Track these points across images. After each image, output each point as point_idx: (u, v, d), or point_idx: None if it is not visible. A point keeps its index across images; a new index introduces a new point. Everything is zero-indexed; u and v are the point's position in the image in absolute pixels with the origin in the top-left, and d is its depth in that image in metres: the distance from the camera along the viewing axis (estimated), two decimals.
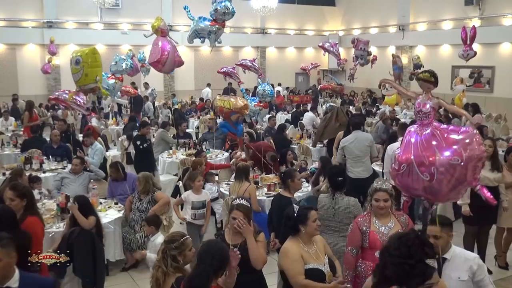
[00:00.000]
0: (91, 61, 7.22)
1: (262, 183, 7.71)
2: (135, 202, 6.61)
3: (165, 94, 22.43)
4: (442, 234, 3.78)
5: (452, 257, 3.78)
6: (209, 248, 3.36)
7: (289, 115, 16.56)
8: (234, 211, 4.12)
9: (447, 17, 20.33)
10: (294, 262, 3.82)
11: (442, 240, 3.77)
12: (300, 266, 3.80)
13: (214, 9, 7.83)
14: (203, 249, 3.39)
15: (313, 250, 3.92)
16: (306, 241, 3.93)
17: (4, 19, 19.72)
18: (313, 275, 3.79)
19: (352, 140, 7.82)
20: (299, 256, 3.82)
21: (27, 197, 4.71)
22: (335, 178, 5.16)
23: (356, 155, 7.73)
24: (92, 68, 7.23)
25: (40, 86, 20.51)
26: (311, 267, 3.83)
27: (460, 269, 3.71)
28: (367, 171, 7.70)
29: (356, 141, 7.76)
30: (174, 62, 8.56)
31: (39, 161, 8.82)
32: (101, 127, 13.36)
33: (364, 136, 7.98)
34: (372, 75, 21.81)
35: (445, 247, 3.80)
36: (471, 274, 3.68)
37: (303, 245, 3.90)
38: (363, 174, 7.65)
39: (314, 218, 3.93)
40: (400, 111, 17.07)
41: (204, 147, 10.53)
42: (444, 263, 3.75)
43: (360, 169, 7.67)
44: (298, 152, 11.05)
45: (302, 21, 26.30)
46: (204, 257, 3.27)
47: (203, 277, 3.15)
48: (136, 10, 21.72)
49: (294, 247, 3.88)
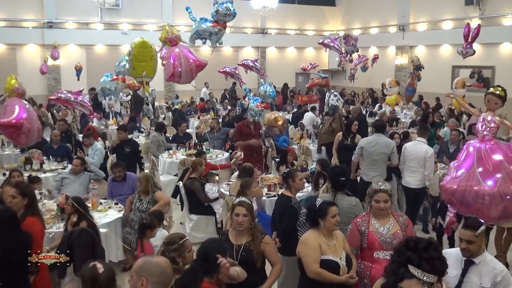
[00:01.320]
0: (139, 55, 6.93)
1: (262, 183, 7.70)
2: (135, 202, 6.60)
3: (165, 94, 22.43)
4: (476, 239, 3.64)
5: (481, 263, 3.67)
6: (204, 248, 3.41)
7: (290, 115, 16.55)
8: (237, 207, 4.16)
9: (447, 17, 20.32)
10: (311, 250, 4.00)
11: (475, 245, 3.64)
12: (316, 254, 3.98)
13: (215, 11, 7.81)
14: (201, 248, 3.43)
15: (332, 244, 4.07)
16: (326, 234, 4.09)
17: (4, 19, 19.70)
18: (328, 265, 3.96)
19: (373, 143, 7.55)
20: (317, 245, 4.01)
21: (28, 197, 4.72)
22: (338, 177, 5.17)
23: (373, 158, 7.52)
24: (139, 62, 6.94)
25: (41, 86, 20.48)
26: (328, 258, 3.99)
27: (484, 276, 3.63)
28: (381, 176, 7.38)
29: (377, 145, 7.50)
30: (191, 71, 8.07)
31: (39, 161, 8.82)
32: (101, 127, 13.36)
33: (386, 141, 7.68)
34: (372, 75, 21.88)
35: (477, 252, 3.67)
36: (493, 284, 3.61)
37: (323, 237, 4.07)
38: (376, 178, 7.47)
39: (334, 214, 4.09)
40: (400, 111, 17.06)
41: (205, 147, 10.54)
42: (471, 266, 3.67)
43: (374, 173, 7.44)
44: (298, 152, 11.06)
45: (302, 21, 26.30)
46: (198, 255, 3.35)
47: (192, 276, 3.21)
48: (136, 10, 21.73)
49: (314, 236, 4.08)
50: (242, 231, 4.11)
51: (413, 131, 11.39)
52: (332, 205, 4.15)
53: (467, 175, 3.74)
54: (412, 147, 7.53)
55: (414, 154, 7.38)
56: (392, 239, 4.18)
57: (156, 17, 22.27)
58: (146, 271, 2.78)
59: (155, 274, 2.77)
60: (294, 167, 8.33)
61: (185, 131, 11.99)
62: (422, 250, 2.64)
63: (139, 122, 14.51)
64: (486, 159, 3.73)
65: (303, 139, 12.08)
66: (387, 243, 4.18)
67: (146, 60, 6.80)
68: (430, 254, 2.62)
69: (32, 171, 8.44)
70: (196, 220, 7.44)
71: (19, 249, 4.02)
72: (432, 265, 2.60)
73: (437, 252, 2.68)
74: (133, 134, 12.30)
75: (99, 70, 19.28)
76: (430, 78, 18.80)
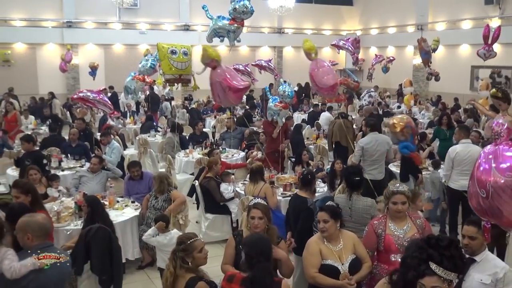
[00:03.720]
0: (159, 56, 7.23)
1: (278, 183, 7.70)
2: (151, 201, 6.65)
3: (182, 94, 22.54)
4: (478, 235, 3.71)
5: (482, 260, 3.72)
6: (257, 245, 3.50)
7: (306, 115, 16.51)
8: (252, 210, 4.18)
9: (466, 16, 20.07)
10: (310, 255, 4.03)
11: (477, 241, 3.71)
12: (315, 259, 3.98)
13: (232, 8, 7.81)
14: (251, 246, 3.50)
15: (337, 248, 4.04)
16: (330, 238, 4.05)
17: (24, 19, 20.01)
18: (327, 270, 3.95)
19: (372, 142, 7.59)
20: (317, 250, 4.00)
21: (31, 193, 4.80)
22: (352, 177, 5.15)
23: (375, 157, 7.57)
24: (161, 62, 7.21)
25: (60, 86, 20.77)
26: (327, 263, 3.97)
27: (485, 273, 3.67)
28: (382, 173, 7.60)
29: (376, 143, 7.56)
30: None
31: (58, 160, 8.92)
32: (119, 126, 13.47)
33: (384, 138, 7.81)
34: (389, 75, 21.68)
35: (479, 249, 3.73)
36: (494, 280, 3.63)
37: (326, 242, 4.05)
38: (378, 176, 7.53)
39: (321, 219, 4.08)
40: (418, 111, 16.90)
41: (221, 147, 10.57)
42: (473, 264, 3.70)
43: (377, 171, 7.55)
44: (314, 152, 11.03)
45: (319, 20, 26.21)
46: (260, 255, 3.41)
47: (266, 273, 3.34)
48: (154, 10, 21.88)
49: (315, 241, 4.09)
50: (257, 232, 4.13)
51: (431, 131, 11.29)
52: (321, 211, 4.13)
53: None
54: (464, 150, 7.09)
55: (470, 156, 6.95)
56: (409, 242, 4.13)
57: (173, 16, 22.42)
58: (29, 228, 3.45)
59: (36, 229, 3.46)
60: (310, 167, 8.32)
61: (201, 130, 12.03)
62: (444, 248, 2.62)
63: (156, 122, 14.60)
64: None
65: (319, 139, 12.03)
66: (404, 246, 4.12)
67: (162, 59, 7.00)
68: (452, 252, 2.61)
69: (51, 169, 8.54)
70: (212, 219, 7.46)
71: None
72: (454, 263, 2.58)
73: (458, 250, 2.67)
74: (150, 133, 12.40)
75: (117, 69, 19.55)
76: (448, 78, 18.58)
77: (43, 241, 3.52)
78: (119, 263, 5.23)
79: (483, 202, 3.32)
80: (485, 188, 3.28)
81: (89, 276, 5.08)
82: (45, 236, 3.56)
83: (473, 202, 3.45)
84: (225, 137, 11.45)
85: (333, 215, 4.07)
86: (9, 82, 18.73)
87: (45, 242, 3.54)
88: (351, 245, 4.10)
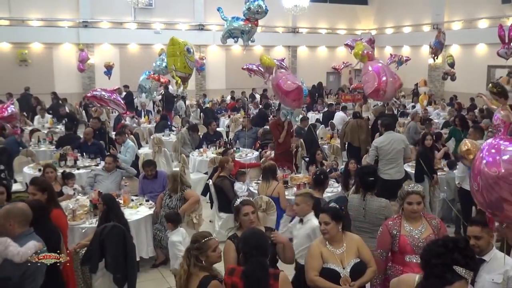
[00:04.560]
0: (169, 51, 7.26)
1: (291, 182, 7.69)
2: (166, 199, 6.68)
3: (197, 93, 22.63)
4: (483, 234, 3.67)
5: (491, 260, 3.67)
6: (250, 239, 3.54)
7: (320, 115, 16.47)
8: (243, 207, 4.23)
9: (483, 15, 19.83)
10: (311, 258, 4.03)
11: (483, 240, 3.67)
12: (315, 262, 3.97)
13: (247, 8, 7.81)
14: (245, 241, 3.54)
15: (339, 251, 4.00)
16: (333, 241, 4.02)
17: (41, 19, 20.25)
18: (328, 274, 3.93)
19: (387, 141, 7.58)
20: (318, 253, 3.99)
21: (47, 191, 4.86)
22: (366, 177, 5.10)
23: (391, 155, 7.53)
24: (169, 57, 7.21)
25: (75, 85, 21.01)
26: (328, 267, 3.95)
27: (495, 272, 3.62)
28: (400, 172, 7.54)
29: (391, 143, 7.53)
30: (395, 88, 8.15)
31: (74, 158, 9.01)
32: (133, 125, 13.57)
33: (399, 137, 7.79)
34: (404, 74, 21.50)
35: (486, 248, 3.68)
36: (506, 278, 3.59)
37: (329, 245, 4.03)
38: (396, 176, 7.48)
39: (320, 222, 4.09)
40: (432, 110, 16.76)
41: (235, 146, 10.59)
42: (482, 265, 3.65)
43: (394, 170, 7.49)
44: (328, 152, 11.00)
45: (334, 20, 26.11)
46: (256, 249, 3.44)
47: (258, 267, 3.37)
48: (169, 10, 21.99)
49: (316, 245, 4.08)
50: None
51: (446, 131, 11.18)
52: (322, 212, 4.12)
53: None
54: None
55: None
56: (424, 243, 4.07)
57: (188, 16, 22.51)
58: (12, 214, 3.66)
59: (19, 216, 3.67)
60: (324, 167, 8.29)
61: (215, 129, 12.06)
62: (464, 249, 2.61)
63: (170, 121, 14.66)
64: None
65: (333, 139, 11.98)
66: (419, 247, 4.07)
67: (175, 55, 6.97)
68: (471, 252, 2.62)
69: (67, 167, 8.62)
70: (225, 218, 7.46)
71: (52, 239, 4.14)
72: (475, 262, 2.59)
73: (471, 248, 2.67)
74: (164, 132, 12.46)
75: (132, 69, 19.66)
76: (464, 78, 18.38)
77: (25, 228, 3.72)
78: (133, 261, 5.26)
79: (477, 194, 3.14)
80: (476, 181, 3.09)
81: (103, 274, 5.11)
82: (27, 223, 3.74)
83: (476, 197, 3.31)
84: (239, 135, 11.47)
85: (335, 217, 4.02)
86: (26, 81, 18.99)
87: (28, 229, 3.74)
88: (355, 249, 4.05)
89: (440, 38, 15.95)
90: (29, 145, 10.82)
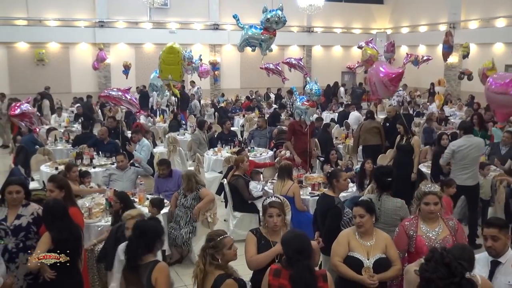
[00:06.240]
0: (167, 59, 7.25)
1: (306, 182, 7.67)
2: (180, 199, 6.69)
3: (211, 93, 22.68)
4: (501, 235, 3.61)
5: (507, 261, 3.61)
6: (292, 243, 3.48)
7: (335, 115, 16.40)
8: (269, 209, 4.25)
9: (500, 14, 19.58)
10: (338, 244, 4.12)
11: (500, 242, 3.60)
12: (341, 249, 4.05)
13: (265, 18, 7.74)
14: (287, 245, 3.49)
15: (368, 244, 4.05)
16: (362, 233, 4.09)
17: (58, 19, 20.47)
18: (351, 262, 3.99)
19: (466, 145, 7.05)
20: (346, 242, 4.07)
21: (65, 188, 4.91)
22: (384, 178, 5.06)
23: (466, 161, 7.02)
24: (166, 66, 7.22)
25: (92, 84, 21.20)
26: (353, 255, 4.01)
27: (511, 274, 3.57)
28: (472, 179, 7.03)
29: (471, 147, 7.02)
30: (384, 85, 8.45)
31: (90, 157, 9.09)
32: (148, 124, 13.65)
33: (479, 142, 7.25)
34: (420, 74, 21.36)
35: (502, 250, 3.62)
36: None
37: (357, 236, 4.09)
38: (467, 182, 7.01)
39: (355, 215, 4.13)
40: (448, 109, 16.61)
41: (250, 146, 10.59)
42: (498, 267, 3.60)
43: (466, 176, 7.00)
44: (343, 152, 10.95)
45: (349, 19, 25.98)
46: (293, 253, 3.42)
47: (305, 271, 3.35)
48: (184, 10, 22.08)
49: (347, 233, 4.18)
50: (276, 231, 4.24)
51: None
52: (356, 206, 4.18)
53: None
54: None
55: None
56: (441, 244, 4.03)
57: (203, 16, 22.58)
58: None
59: None
60: (339, 167, 8.25)
61: (230, 128, 12.07)
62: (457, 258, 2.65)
63: (185, 120, 14.71)
64: None
65: (348, 138, 11.93)
66: None
67: (173, 64, 6.95)
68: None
69: (83, 166, 8.70)
70: (240, 218, 7.48)
71: (71, 238, 4.18)
72: None
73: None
74: (179, 132, 12.50)
75: (147, 68, 19.77)
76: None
77: None
78: None
79: None
80: None
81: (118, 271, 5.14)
82: None
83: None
84: (254, 135, 11.46)
85: (369, 209, 4.09)
86: (43, 80, 19.25)
87: None
88: (383, 245, 4.06)
89: (449, 42, 15.86)
90: (46, 143, 10.94)
